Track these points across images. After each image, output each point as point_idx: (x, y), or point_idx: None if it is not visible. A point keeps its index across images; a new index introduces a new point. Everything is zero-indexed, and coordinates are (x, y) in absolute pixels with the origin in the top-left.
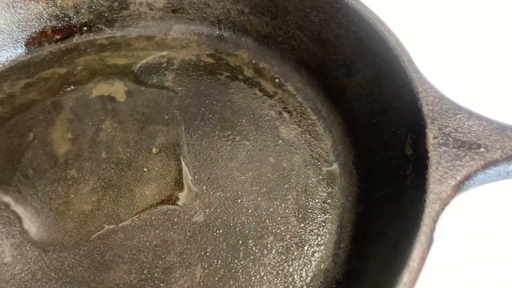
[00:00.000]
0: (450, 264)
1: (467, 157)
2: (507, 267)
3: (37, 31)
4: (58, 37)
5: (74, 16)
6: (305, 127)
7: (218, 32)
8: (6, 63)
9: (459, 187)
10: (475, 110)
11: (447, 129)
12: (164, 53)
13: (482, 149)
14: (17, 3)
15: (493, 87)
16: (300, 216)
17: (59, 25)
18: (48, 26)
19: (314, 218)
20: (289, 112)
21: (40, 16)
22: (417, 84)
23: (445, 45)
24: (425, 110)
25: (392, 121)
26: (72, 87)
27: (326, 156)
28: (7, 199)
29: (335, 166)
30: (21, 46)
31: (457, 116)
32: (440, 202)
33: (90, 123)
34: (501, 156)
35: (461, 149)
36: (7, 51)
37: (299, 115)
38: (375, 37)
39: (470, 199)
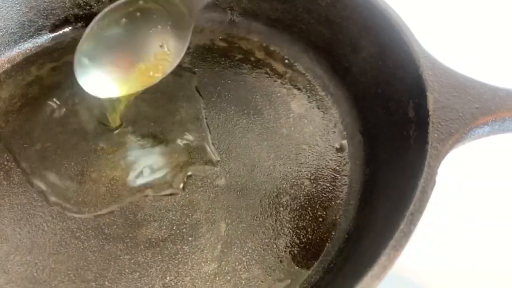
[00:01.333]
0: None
1: (464, 113)
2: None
3: (61, 18)
4: (80, 24)
5: (95, 5)
6: (314, 102)
7: (230, 17)
8: (33, 49)
9: (457, 139)
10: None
11: (445, 90)
12: None
13: (477, 106)
14: None
15: (485, 56)
16: (312, 178)
17: (81, 13)
18: (70, 14)
19: (325, 180)
20: (299, 89)
21: (63, 5)
22: (418, 54)
23: (441, 20)
24: (425, 76)
25: (396, 89)
26: None
27: (335, 127)
28: (43, 170)
29: (343, 135)
30: (46, 33)
31: (454, 80)
32: (442, 151)
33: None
34: (494, 113)
35: (459, 107)
36: (33, 37)
37: (308, 92)
38: (379, 16)
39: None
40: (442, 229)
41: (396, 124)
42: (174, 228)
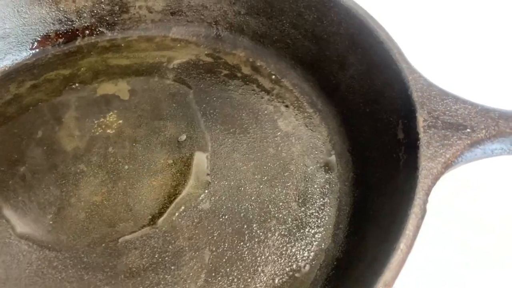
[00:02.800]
0: (441, 235)
1: (454, 137)
2: (491, 237)
3: (41, 34)
4: (61, 40)
5: (77, 20)
6: (302, 119)
7: (215, 32)
8: (12, 66)
9: (448, 164)
10: (460, 95)
11: (436, 113)
12: (164, 53)
13: (468, 130)
14: (22, 8)
15: (476, 74)
16: (300, 201)
17: (62, 28)
18: (51, 30)
19: (313, 203)
20: (286, 106)
21: (44, 20)
22: (407, 73)
23: (432, 37)
24: (415, 97)
25: (385, 109)
26: (77, 87)
27: (323, 145)
28: (19, 195)
29: (331, 154)
30: (26, 49)
31: (445, 101)
32: (432, 177)
33: (96, 121)
34: (485, 136)
35: (449, 130)
36: (13, 54)
37: (296, 109)
38: (367, 33)
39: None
40: (434, 259)
41: (385, 145)
42: (156, 256)
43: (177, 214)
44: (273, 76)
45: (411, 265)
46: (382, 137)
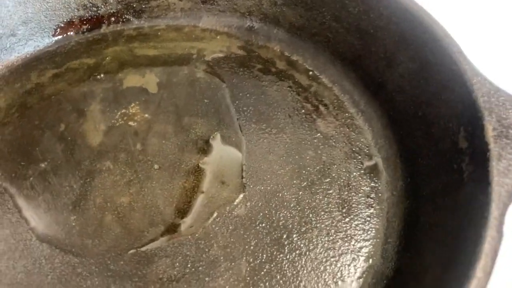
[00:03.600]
0: None
1: None
2: None
3: (65, 20)
4: (85, 27)
5: (102, 6)
6: (343, 120)
7: (249, 23)
8: (33, 53)
9: None
10: None
11: (507, 121)
12: (193, 44)
13: None
14: None
15: None
16: (344, 210)
17: (87, 15)
18: (75, 16)
19: (358, 213)
20: (325, 105)
21: (68, 5)
22: (470, 75)
23: (495, 35)
24: (481, 102)
25: (441, 114)
26: (101, 78)
27: (367, 149)
28: (40, 194)
29: (377, 159)
30: (49, 36)
31: None
32: (507, 194)
33: (123, 115)
34: None
35: None
36: (34, 40)
37: (336, 108)
38: (420, 29)
39: None
40: None
41: (442, 153)
42: (189, 265)
43: (211, 219)
44: (311, 72)
45: None
46: (439, 144)
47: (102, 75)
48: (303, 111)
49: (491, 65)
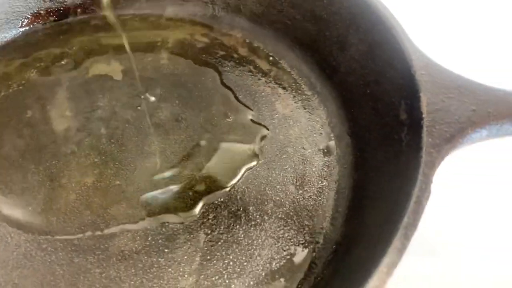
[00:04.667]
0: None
1: (459, 117)
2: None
3: (32, 12)
4: (52, 18)
5: None
6: (300, 102)
7: (212, 12)
8: (0, 44)
9: (452, 145)
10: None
11: (440, 91)
12: (158, 32)
13: (473, 108)
14: None
15: (482, 54)
16: (298, 184)
17: (54, 6)
18: (42, 7)
19: (311, 186)
20: (284, 88)
21: None
22: (410, 52)
23: (435, 16)
24: (418, 76)
25: (386, 90)
26: (68, 67)
27: (322, 128)
28: (6, 176)
29: (330, 137)
30: (16, 27)
31: (449, 80)
32: (437, 156)
33: (88, 101)
34: (492, 116)
35: (454, 109)
36: (1, 32)
37: (293, 91)
38: (368, 11)
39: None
40: (437, 242)
41: (386, 126)
42: (149, 238)
43: (170, 195)
44: (271, 58)
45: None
46: (384, 118)
47: (68, 64)
48: (262, 94)
49: (433, 43)
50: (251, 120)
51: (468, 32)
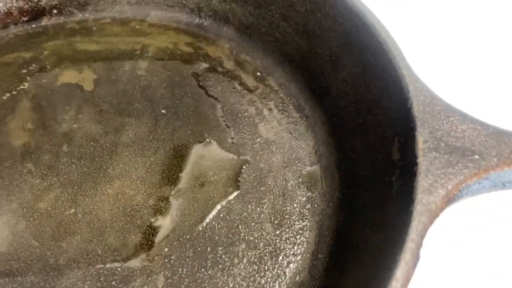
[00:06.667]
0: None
1: (459, 165)
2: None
3: (2, 11)
4: (25, 18)
5: None
6: (286, 125)
7: (198, 20)
8: None
9: (450, 198)
10: (469, 113)
11: (439, 133)
12: (138, 39)
13: (476, 156)
14: None
15: (488, 89)
16: (276, 222)
17: (27, 6)
18: (14, 6)
19: (291, 225)
20: (270, 109)
21: None
22: (408, 82)
23: (438, 42)
24: (416, 111)
25: (379, 121)
26: (36, 73)
27: (307, 157)
28: None
29: (316, 168)
30: None
31: (450, 119)
32: (429, 214)
33: (53, 114)
34: (497, 165)
35: (454, 155)
36: None
37: (280, 112)
38: (364, 30)
39: (461, 212)
40: None
41: (377, 164)
42: (102, 279)
43: (130, 229)
44: (258, 73)
45: None
46: (374, 154)
47: (37, 70)
48: (246, 114)
49: (433, 70)
50: (232, 142)
51: (474, 62)
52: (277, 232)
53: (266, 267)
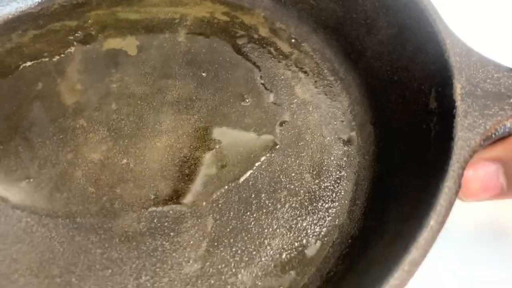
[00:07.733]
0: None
1: (496, 107)
2: None
3: None
4: None
5: None
6: (321, 87)
7: None
8: (16, 14)
9: (487, 136)
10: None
11: (475, 80)
12: (177, 9)
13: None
14: None
15: None
16: (314, 173)
17: None
18: None
19: (329, 175)
20: (305, 72)
21: None
22: (444, 36)
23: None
24: (453, 61)
25: (416, 77)
26: (82, 40)
27: (343, 116)
28: (17, 144)
29: (352, 126)
30: None
31: (486, 68)
32: (469, 149)
33: (100, 76)
34: None
35: (490, 99)
36: (17, 1)
37: (315, 76)
38: None
39: None
40: (463, 243)
41: (414, 115)
42: (155, 220)
43: (179, 177)
44: (293, 40)
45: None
46: (411, 107)
47: (83, 38)
48: (282, 77)
49: (467, 29)
50: (270, 102)
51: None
52: (316, 181)
53: (307, 211)
